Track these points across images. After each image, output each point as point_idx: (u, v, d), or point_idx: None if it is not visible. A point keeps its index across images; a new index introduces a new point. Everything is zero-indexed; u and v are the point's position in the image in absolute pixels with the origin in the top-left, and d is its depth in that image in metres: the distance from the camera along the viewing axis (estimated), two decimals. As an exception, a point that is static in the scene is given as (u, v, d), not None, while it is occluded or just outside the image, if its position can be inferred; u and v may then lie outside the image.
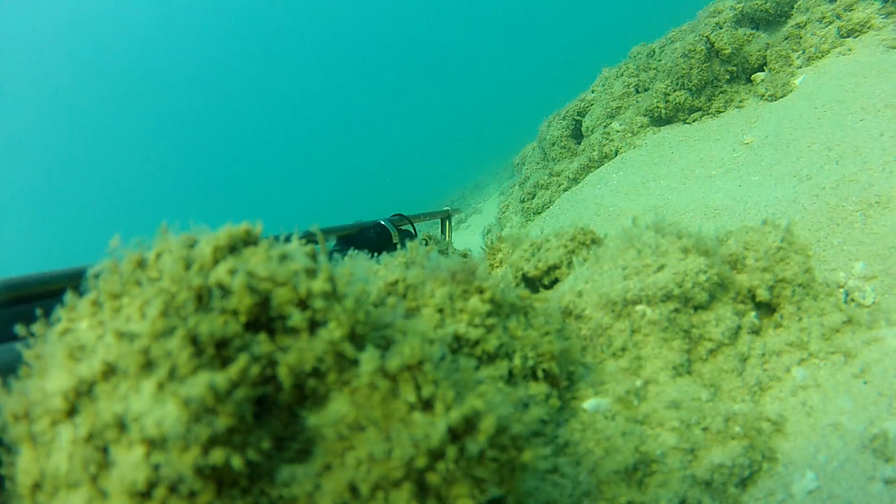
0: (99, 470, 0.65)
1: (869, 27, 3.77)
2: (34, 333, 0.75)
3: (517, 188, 6.69)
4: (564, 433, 1.07)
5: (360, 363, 0.70)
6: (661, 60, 4.95)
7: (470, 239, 8.11)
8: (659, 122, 4.64)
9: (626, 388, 1.22)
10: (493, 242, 1.92)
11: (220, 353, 0.67)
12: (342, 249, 2.43)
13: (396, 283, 1.03)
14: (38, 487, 0.68)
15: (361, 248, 2.43)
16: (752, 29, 4.35)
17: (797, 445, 1.24)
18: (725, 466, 1.14)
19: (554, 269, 1.58)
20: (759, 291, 1.46)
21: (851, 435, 1.22)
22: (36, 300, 1.20)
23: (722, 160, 3.55)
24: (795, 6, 4.37)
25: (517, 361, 1.03)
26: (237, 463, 0.62)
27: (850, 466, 1.15)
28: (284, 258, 0.75)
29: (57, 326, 0.75)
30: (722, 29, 4.25)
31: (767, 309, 1.50)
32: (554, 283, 1.59)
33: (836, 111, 3.13)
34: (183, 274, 0.71)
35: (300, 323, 0.70)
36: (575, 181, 5.09)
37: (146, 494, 0.62)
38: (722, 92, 4.22)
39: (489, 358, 1.00)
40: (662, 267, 1.37)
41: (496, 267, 1.85)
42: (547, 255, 1.60)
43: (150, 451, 0.62)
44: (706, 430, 1.18)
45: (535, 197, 5.62)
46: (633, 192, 3.94)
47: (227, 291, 0.70)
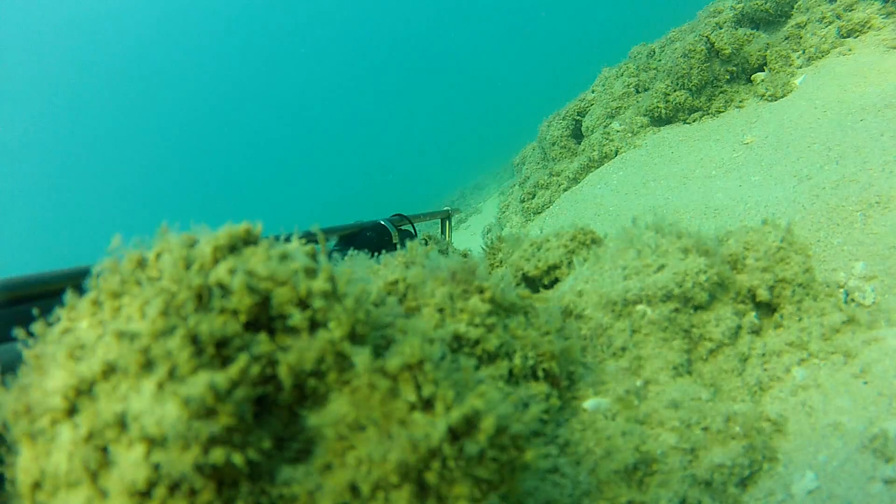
0: (99, 469, 0.65)
1: (869, 27, 3.77)
2: (34, 333, 0.75)
3: (517, 188, 6.69)
4: (565, 433, 1.07)
5: (355, 363, 0.70)
6: (661, 60, 4.95)
7: (470, 239, 8.11)
8: (659, 122, 4.64)
9: (626, 387, 1.22)
10: (492, 242, 1.92)
11: (220, 352, 0.67)
12: (342, 249, 2.43)
13: (397, 282, 1.03)
14: (37, 486, 0.68)
15: (361, 248, 2.42)
16: (752, 29, 4.35)
17: (797, 445, 1.24)
18: (725, 466, 1.14)
19: (554, 268, 1.58)
20: (759, 291, 1.46)
21: (851, 435, 1.22)
22: (36, 300, 1.20)
23: (722, 160, 3.55)
24: (795, 6, 4.37)
25: (517, 361, 1.03)
26: (238, 461, 0.62)
27: (850, 466, 1.15)
28: (284, 258, 0.75)
29: (57, 326, 0.75)
30: (722, 29, 4.25)
31: (768, 309, 1.50)
32: (554, 282, 1.59)
33: (836, 111, 3.14)
34: (183, 273, 0.71)
35: (300, 322, 0.70)
36: (575, 181, 5.09)
37: (146, 494, 0.62)
38: (722, 92, 4.22)
39: (489, 357, 1.00)
40: (662, 267, 1.38)
41: (496, 267, 1.85)
42: (547, 254, 1.60)
43: (150, 450, 0.62)
44: (706, 429, 1.18)
45: (535, 197, 5.62)
46: (633, 192, 3.94)
47: (227, 291, 0.70)
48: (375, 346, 0.75)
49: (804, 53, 4.00)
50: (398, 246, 2.55)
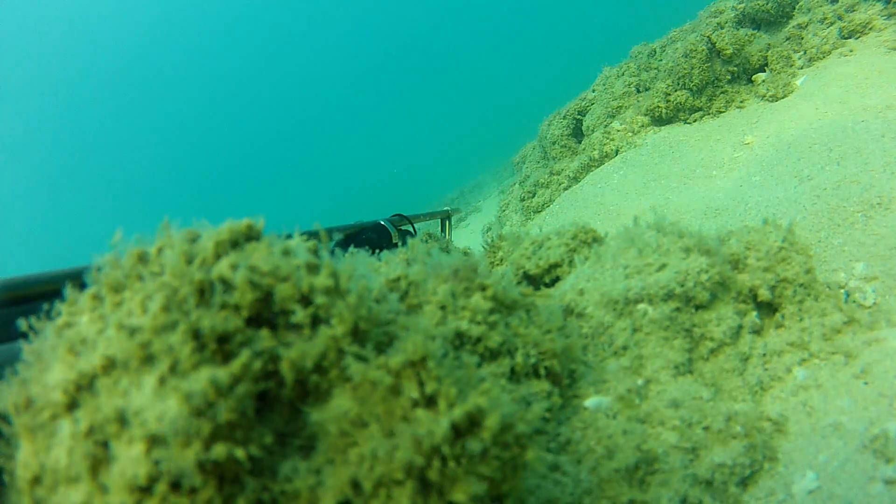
0: (99, 465, 0.64)
1: (870, 28, 3.77)
2: (34, 328, 0.75)
3: (517, 187, 6.69)
4: (566, 431, 1.06)
5: (357, 359, 0.69)
6: (662, 60, 4.95)
7: (470, 237, 8.11)
8: (660, 121, 4.64)
9: (627, 386, 1.21)
10: (493, 241, 1.92)
11: (222, 348, 0.67)
12: (343, 249, 2.42)
13: (398, 279, 1.03)
14: (37, 481, 0.68)
15: (361, 248, 2.41)
16: (753, 29, 4.35)
17: (798, 445, 1.24)
18: (726, 466, 1.14)
19: (555, 267, 1.58)
20: (760, 291, 1.46)
21: (852, 435, 1.22)
22: (36, 300, 1.20)
23: (723, 160, 3.55)
24: (797, 7, 4.37)
25: (519, 359, 1.02)
26: (240, 457, 0.61)
27: (850, 466, 1.15)
28: (287, 253, 0.74)
29: (58, 320, 0.74)
30: (723, 29, 4.25)
31: (769, 309, 1.50)
32: (555, 281, 1.59)
33: (837, 112, 3.13)
34: (185, 268, 0.70)
35: (303, 318, 0.70)
36: (575, 180, 5.09)
37: (147, 490, 0.61)
38: (723, 92, 4.22)
39: (491, 355, 1.00)
40: (664, 266, 1.37)
41: (496, 265, 1.85)
42: (548, 253, 1.60)
43: (151, 446, 0.62)
44: (707, 429, 1.18)
45: (535, 196, 5.62)
46: (633, 191, 3.94)
47: (229, 286, 0.69)
48: (378, 342, 0.75)
49: (805, 54, 4.00)
50: (398, 246, 2.55)
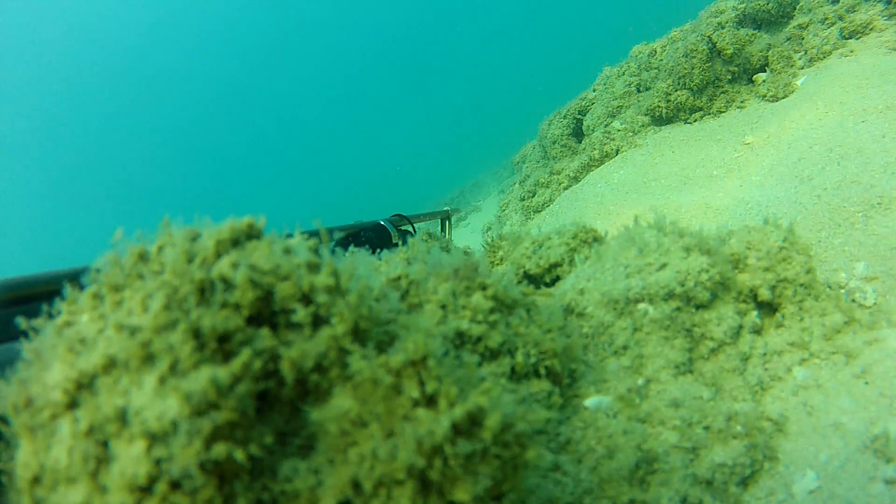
0: (99, 464, 0.64)
1: (871, 29, 3.76)
2: (34, 328, 0.75)
3: (517, 186, 6.69)
4: (566, 431, 1.06)
5: (358, 359, 0.69)
6: (662, 60, 4.94)
7: (469, 237, 8.10)
8: (660, 121, 4.63)
9: (627, 386, 1.21)
10: (493, 240, 1.92)
11: (222, 347, 0.66)
12: (343, 249, 2.42)
13: (399, 278, 1.02)
14: (37, 481, 0.68)
15: (361, 248, 2.41)
16: (754, 29, 4.34)
17: (798, 445, 1.24)
18: (727, 465, 1.14)
19: (555, 266, 1.58)
20: (760, 291, 1.46)
21: (852, 435, 1.22)
22: (36, 300, 1.20)
23: (723, 160, 3.55)
24: (798, 7, 4.37)
25: (519, 358, 1.02)
26: (240, 457, 0.61)
27: (851, 466, 1.15)
28: (287, 252, 0.74)
29: (58, 319, 0.74)
30: (724, 29, 4.25)
31: (769, 309, 1.50)
32: (555, 280, 1.59)
33: (837, 112, 3.13)
34: (185, 267, 0.70)
35: (303, 318, 0.70)
36: (575, 180, 5.09)
37: (147, 489, 0.61)
38: (723, 92, 4.22)
39: (492, 354, 0.99)
40: (664, 266, 1.37)
41: (496, 265, 1.85)
42: (548, 252, 1.60)
43: (151, 445, 0.61)
44: (708, 428, 1.18)
45: (535, 195, 5.62)
46: (633, 191, 3.94)
47: (229, 285, 0.69)
48: (378, 341, 0.74)
49: (806, 54, 4.00)
50: (398, 246, 2.55)
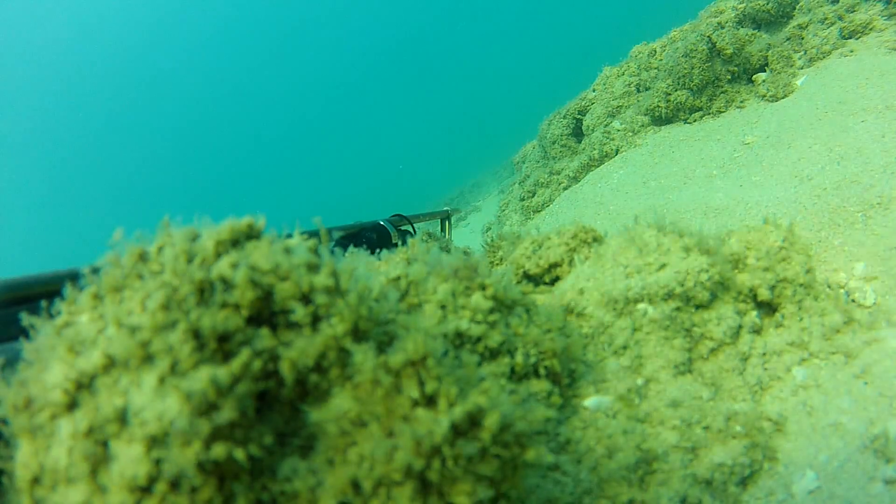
0: (99, 464, 0.64)
1: (871, 29, 3.76)
2: (34, 327, 0.75)
3: (517, 186, 6.69)
4: (566, 431, 1.06)
5: (357, 359, 0.69)
6: (662, 60, 4.94)
7: (469, 237, 8.10)
8: (660, 121, 4.63)
9: (627, 386, 1.21)
10: (493, 240, 1.92)
11: (222, 347, 0.66)
12: (342, 249, 2.42)
13: (399, 278, 1.02)
14: (36, 481, 0.68)
15: (361, 248, 2.41)
16: (753, 29, 4.34)
17: (798, 445, 1.24)
18: (726, 465, 1.14)
19: (555, 266, 1.58)
20: (760, 291, 1.46)
21: (852, 435, 1.22)
22: (36, 300, 1.20)
23: (723, 160, 3.55)
24: (797, 7, 4.37)
25: (519, 358, 1.02)
26: (240, 457, 0.61)
27: (850, 466, 1.15)
28: (287, 252, 0.74)
29: (57, 319, 0.74)
30: (724, 29, 4.25)
31: (769, 308, 1.50)
32: (555, 280, 1.59)
33: (837, 112, 3.13)
34: (185, 267, 0.70)
35: (303, 318, 0.70)
36: (575, 180, 5.09)
37: (147, 489, 0.61)
38: (723, 92, 4.22)
39: (491, 354, 0.99)
40: (664, 265, 1.37)
41: (496, 265, 1.85)
42: (548, 252, 1.59)
43: (150, 445, 0.61)
44: (707, 428, 1.18)
45: (535, 195, 5.62)
46: (633, 191, 3.94)
47: (229, 285, 0.69)
48: (378, 342, 0.74)
49: (806, 54, 4.00)
50: (398, 246, 2.55)
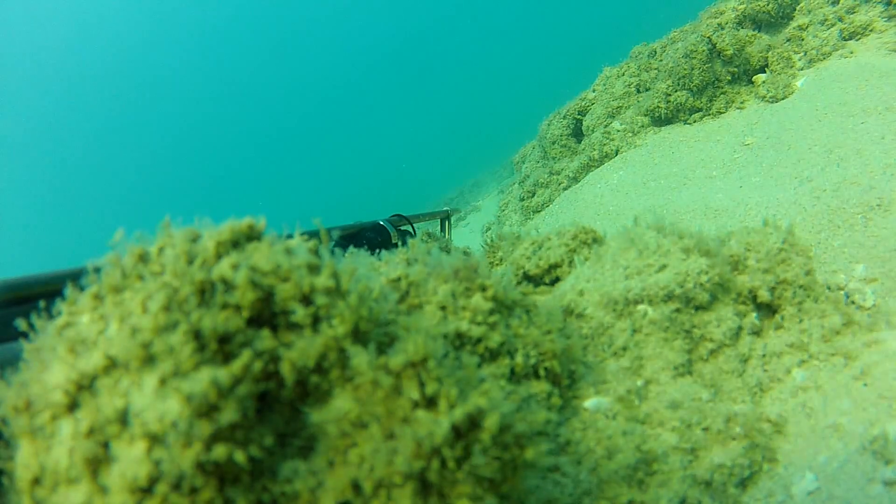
0: (99, 465, 0.64)
1: (871, 30, 3.77)
2: (35, 327, 0.75)
3: (517, 186, 6.69)
4: (565, 432, 1.06)
5: (358, 360, 0.69)
6: (662, 60, 4.95)
7: (469, 237, 8.10)
8: (660, 122, 4.64)
9: (627, 387, 1.22)
10: (492, 241, 1.92)
11: (222, 348, 0.66)
12: (342, 249, 2.42)
13: (399, 279, 1.02)
14: (37, 482, 0.68)
15: (361, 248, 2.41)
16: (753, 30, 4.35)
17: (797, 446, 1.24)
18: (726, 466, 1.14)
19: (555, 267, 1.58)
20: (760, 292, 1.46)
21: (851, 436, 1.22)
22: (37, 300, 1.20)
23: (722, 161, 3.55)
24: (797, 8, 4.37)
25: (519, 359, 1.02)
26: (240, 458, 0.61)
27: (849, 468, 1.15)
28: (288, 253, 0.74)
29: (58, 320, 0.74)
30: (724, 30, 4.25)
31: (768, 310, 1.50)
32: (555, 281, 1.59)
33: (837, 113, 3.14)
34: (186, 268, 0.70)
35: (303, 319, 0.70)
36: (575, 180, 5.09)
37: (147, 490, 0.61)
38: (723, 93, 4.22)
39: (491, 356, 1.00)
40: (664, 267, 1.37)
41: (496, 265, 1.85)
42: (548, 253, 1.60)
43: (151, 446, 0.62)
44: (707, 430, 1.18)
45: (534, 195, 5.62)
46: (633, 191, 3.94)
47: (230, 286, 0.69)
48: (378, 343, 0.74)
49: (806, 55, 4.00)
50: (398, 246, 2.55)
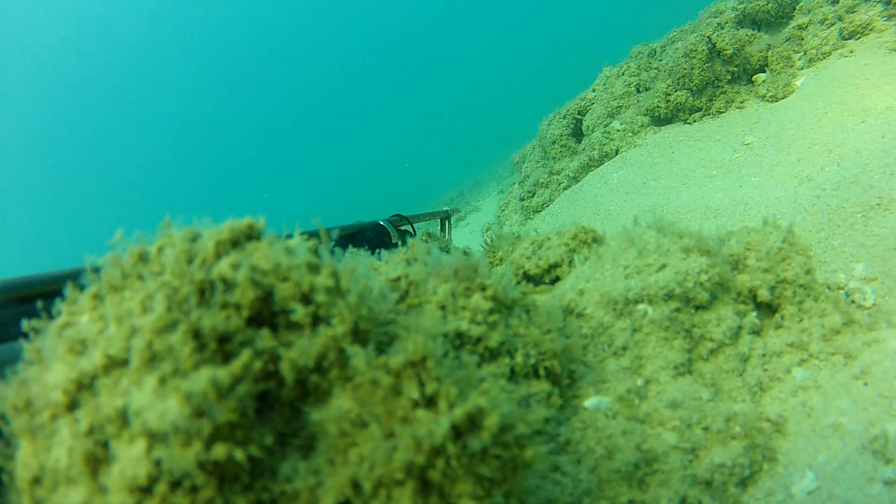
0: (99, 465, 0.64)
1: (871, 29, 3.77)
2: (35, 328, 0.75)
3: (517, 186, 6.69)
4: (566, 431, 1.06)
5: (357, 360, 0.69)
6: (662, 60, 4.95)
7: (469, 237, 8.10)
8: (660, 121, 4.64)
9: (627, 386, 1.21)
10: (492, 241, 1.92)
11: (222, 347, 0.66)
12: (342, 249, 2.42)
13: (399, 279, 1.02)
14: (37, 482, 0.68)
15: (361, 248, 2.41)
16: (753, 30, 4.35)
17: (797, 446, 1.24)
18: (726, 466, 1.14)
19: (555, 267, 1.58)
20: (760, 292, 1.46)
21: (851, 436, 1.22)
22: (37, 300, 1.20)
23: (722, 161, 3.55)
24: (797, 7, 4.37)
25: (519, 359, 1.02)
26: (240, 458, 0.61)
27: (849, 467, 1.15)
28: (288, 253, 0.74)
29: (58, 320, 0.74)
30: (724, 29, 4.25)
31: (768, 309, 1.50)
32: (555, 281, 1.59)
33: (837, 113, 3.13)
34: (185, 268, 0.70)
35: (303, 318, 0.70)
36: (575, 180, 5.09)
37: (147, 490, 0.61)
38: (723, 92, 4.22)
39: (491, 355, 1.00)
40: (664, 266, 1.37)
41: (496, 265, 1.85)
42: (548, 253, 1.60)
43: (151, 445, 0.62)
44: (707, 429, 1.18)
45: (534, 195, 5.62)
46: (633, 191, 3.94)
47: (229, 286, 0.69)
48: (378, 342, 0.74)
49: (805, 55, 4.00)
50: (398, 246, 2.55)
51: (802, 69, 3.96)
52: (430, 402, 0.68)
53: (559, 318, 1.19)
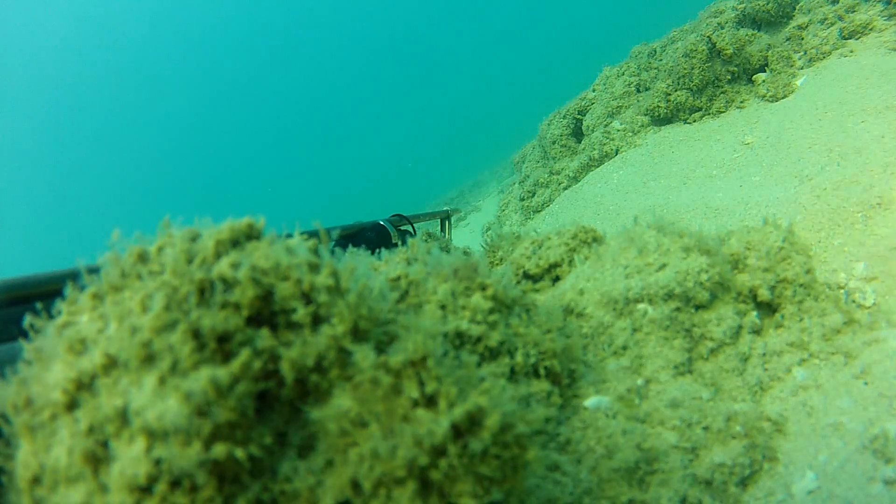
0: (99, 464, 0.64)
1: (871, 29, 3.77)
2: (35, 327, 0.75)
3: (517, 186, 6.69)
4: (566, 431, 1.06)
5: (357, 359, 0.69)
6: (662, 60, 4.95)
7: (469, 237, 8.10)
8: (660, 121, 4.64)
9: (627, 386, 1.21)
10: (492, 240, 1.92)
11: (222, 347, 0.66)
12: (342, 249, 2.42)
13: (399, 279, 1.02)
14: (37, 481, 0.68)
15: (361, 248, 2.41)
16: (753, 29, 4.35)
17: (797, 445, 1.24)
18: (726, 465, 1.14)
19: (555, 266, 1.58)
20: (760, 291, 1.46)
21: (852, 435, 1.22)
22: (37, 300, 1.20)
23: (722, 160, 3.55)
24: (797, 7, 4.37)
25: (519, 359, 1.02)
26: (240, 457, 0.61)
27: (850, 467, 1.15)
28: (288, 252, 0.74)
29: (58, 320, 0.74)
30: (724, 29, 4.25)
31: (768, 309, 1.50)
32: (555, 281, 1.59)
33: (837, 112, 3.13)
34: (185, 267, 0.70)
35: (303, 317, 0.70)
36: (575, 180, 5.09)
37: (147, 489, 0.61)
38: (723, 92, 4.22)
39: (491, 355, 0.99)
40: (664, 266, 1.37)
41: (496, 265, 1.85)
42: (548, 252, 1.60)
43: (151, 445, 0.61)
44: (707, 429, 1.18)
45: (534, 195, 5.62)
46: (633, 191, 3.94)
47: (229, 285, 0.69)
48: (378, 342, 0.74)
49: (805, 54, 4.00)
50: (398, 246, 2.55)
51: (802, 69, 3.96)
52: (430, 401, 0.68)
53: (559, 317, 1.19)
